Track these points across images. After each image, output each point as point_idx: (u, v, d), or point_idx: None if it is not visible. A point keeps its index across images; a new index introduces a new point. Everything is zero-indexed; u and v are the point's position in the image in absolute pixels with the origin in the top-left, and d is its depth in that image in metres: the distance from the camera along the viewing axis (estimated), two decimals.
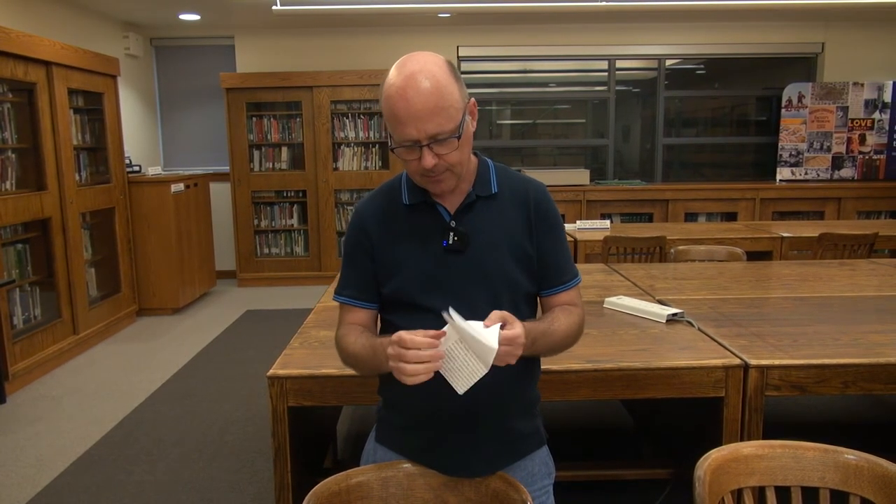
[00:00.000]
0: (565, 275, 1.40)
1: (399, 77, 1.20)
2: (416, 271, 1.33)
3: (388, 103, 1.21)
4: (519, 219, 1.36)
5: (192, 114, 6.82)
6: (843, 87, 6.42)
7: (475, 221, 1.34)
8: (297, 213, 6.62)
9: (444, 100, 1.20)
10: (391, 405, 1.42)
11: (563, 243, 1.41)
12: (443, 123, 1.20)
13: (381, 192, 1.41)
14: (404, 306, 1.35)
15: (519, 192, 1.37)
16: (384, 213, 1.37)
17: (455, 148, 1.24)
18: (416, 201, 1.35)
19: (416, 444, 1.38)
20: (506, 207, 1.36)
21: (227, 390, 3.80)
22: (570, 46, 6.62)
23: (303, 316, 2.53)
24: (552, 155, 7.19)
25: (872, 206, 6.34)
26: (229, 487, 2.74)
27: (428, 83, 1.18)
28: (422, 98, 1.18)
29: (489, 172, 1.38)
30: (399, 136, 1.22)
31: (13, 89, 4.08)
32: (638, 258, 3.98)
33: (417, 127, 1.19)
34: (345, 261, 1.42)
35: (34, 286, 4.24)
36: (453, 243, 1.32)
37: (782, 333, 2.11)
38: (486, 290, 1.32)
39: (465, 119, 1.24)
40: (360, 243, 1.38)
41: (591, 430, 3.18)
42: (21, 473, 2.90)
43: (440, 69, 1.21)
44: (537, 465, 1.43)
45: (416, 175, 1.29)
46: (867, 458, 1.25)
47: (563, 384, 1.86)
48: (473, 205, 1.34)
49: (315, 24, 6.30)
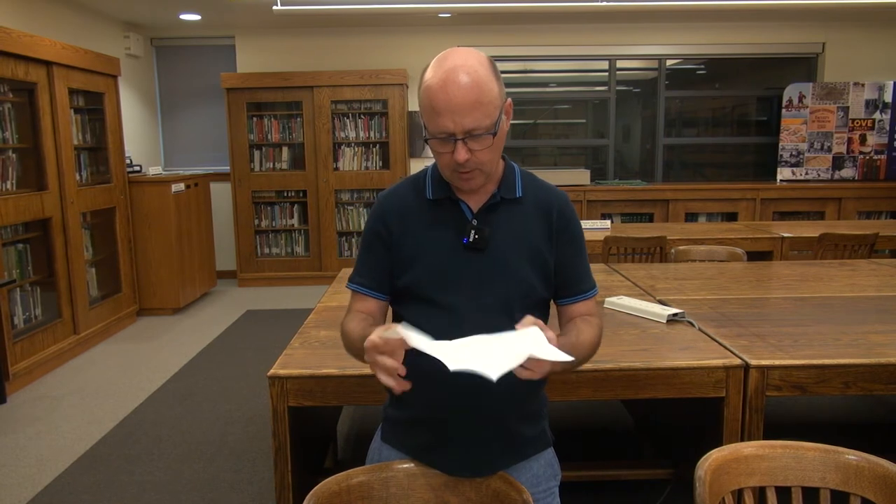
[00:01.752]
0: (584, 285, 1.41)
1: (441, 69, 1.21)
2: (433, 266, 1.33)
3: (428, 94, 1.21)
4: (541, 225, 1.36)
5: (193, 114, 6.82)
6: (844, 87, 6.42)
7: (497, 222, 1.34)
8: (298, 213, 6.62)
9: (484, 95, 1.20)
10: (397, 399, 1.41)
11: (584, 254, 1.42)
12: (480, 119, 1.20)
13: (406, 184, 1.42)
14: (416, 300, 1.35)
15: (543, 199, 1.38)
16: (406, 206, 1.37)
17: (489, 145, 1.24)
18: (439, 196, 1.35)
19: (420, 441, 1.37)
20: (529, 212, 1.36)
21: (227, 390, 3.80)
22: (570, 46, 6.62)
23: (303, 316, 2.53)
24: (552, 155, 7.19)
25: (873, 207, 6.33)
26: (229, 487, 2.74)
27: (469, 78, 1.19)
28: (462, 91, 1.18)
29: (515, 176, 1.38)
30: (434, 127, 1.22)
31: (14, 89, 4.08)
32: (638, 258, 3.98)
33: (455, 120, 1.20)
34: (361, 249, 1.43)
35: (35, 286, 4.24)
36: (474, 241, 1.32)
37: (783, 333, 2.11)
38: (500, 290, 1.32)
39: (501, 117, 1.25)
40: (378, 233, 1.38)
41: (592, 430, 3.18)
42: (21, 473, 2.90)
43: (482, 66, 1.21)
44: (542, 467, 1.42)
45: (447, 169, 1.29)
46: (868, 458, 1.25)
47: (564, 384, 1.86)
48: (497, 206, 1.35)
49: (315, 24, 6.30)
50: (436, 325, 1.28)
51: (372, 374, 1.16)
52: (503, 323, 1.26)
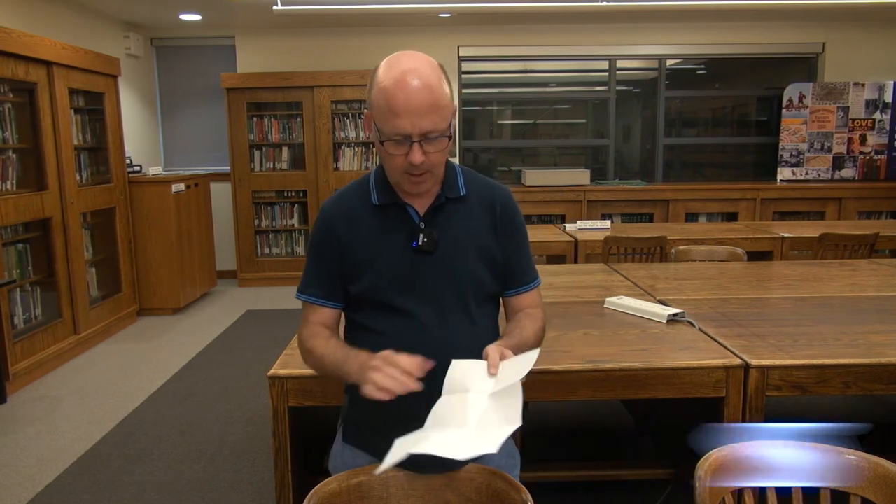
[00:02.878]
0: (527, 276, 1.45)
1: (396, 71, 1.21)
2: (386, 271, 1.34)
3: (384, 95, 1.21)
4: (486, 221, 1.38)
5: (193, 114, 6.82)
6: (844, 87, 6.42)
7: (444, 223, 1.36)
8: (298, 213, 6.62)
9: (440, 99, 1.22)
10: (359, 404, 1.36)
11: (526, 246, 1.45)
12: (437, 122, 1.22)
13: (349, 191, 1.43)
14: (372, 306, 1.36)
15: (485, 195, 1.41)
16: (353, 213, 1.38)
17: (443, 148, 1.26)
18: (385, 202, 1.37)
19: (380, 440, 1.33)
20: (473, 210, 1.38)
21: (227, 390, 3.80)
22: (570, 46, 6.62)
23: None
24: (553, 155, 7.19)
25: (873, 207, 6.34)
26: (230, 487, 2.74)
27: (426, 81, 1.21)
28: (420, 94, 1.20)
29: (457, 175, 1.40)
30: (391, 128, 1.23)
31: (14, 89, 4.08)
32: (638, 258, 3.98)
33: (413, 121, 1.20)
34: (309, 259, 1.43)
35: (35, 286, 4.24)
36: (423, 244, 1.33)
37: (783, 333, 2.11)
38: (454, 290, 1.35)
39: (452, 121, 1.27)
40: (326, 243, 1.38)
41: (592, 430, 3.18)
42: (22, 473, 2.90)
43: (434, 71, 1.24)
44: (504, 458, 1.43)
45: (397, 171, 1.29)
46: (868, 458, 1.25)
47: (564, 384, 1.86)
48: (443, 206, 1.36)
49: (315, 24, 6.30)
50: (395, 328, 1.33)
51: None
52: (460, 321, 1.33)
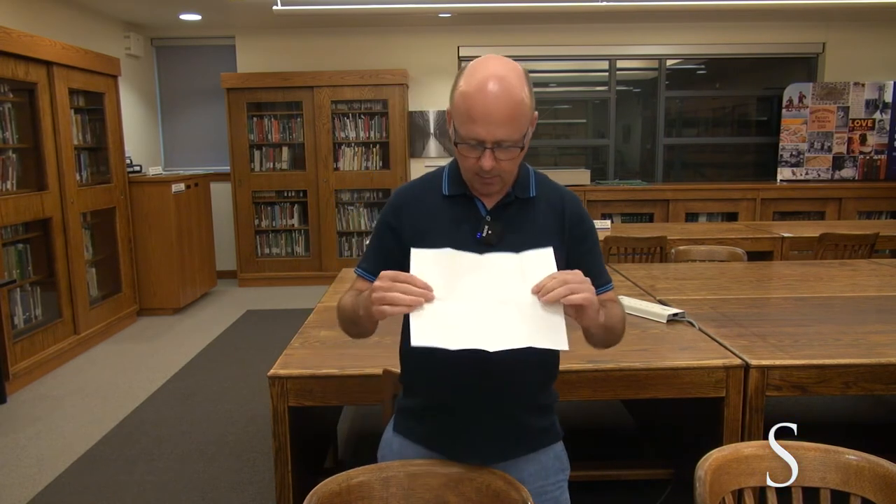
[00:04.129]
0: (599, 279, 1.40)
1: (480, 75, 1.22)
2: None
3: (465, 99, 1.22)
4: (552, 224, 1.38)
5: (193, 114, 6.82)
6: (844, 87, 6.42)
7: (510, 219, 1.36)
8: (298, 213, 6.62)
9: (519, 109, 1.22)
10: (411, 389, 1.45)
11: (598, 252, 1.44)
12: (512, 132, 1.22)
13: (422, 180, 1.45)
14: None
15: (555, 199, 1.41)
16: (421, 200, 1.40)
17: (515, 157, 1.27)
18: (455, 193, 1.38)
19: (431, 429, 1.40)
20: (541, 211, 1.39)
21: (227, 390, 3.80)
22: (570, 46, 6.62)
23: (303, 316, 2.53)
24: (553, 155, 7.19)
25: (873, 207, 6.34)
26: (230, 487, 2.74)
27: (509, 90, 1.20)
28: (500, 103, 1.20)
29: (529, 177, 1.41)
30: (466, 132, 1.24)
31: (14, 89, 4.08)
32: (639, 258, 3.98)
33: (488, 129, 1.21)
34: (372, 237, 1.46)
35: (35, 286, 4.24)
36: (486, 235, 1.34)
37: (783, 333, 2.11)
38: None
39: (528, 131, 1.27)
40: (389, 224, 1.40)
41: (592, 430, 3.18)
42: (22, 473, 2.90)
43: (519, 79, 1.23)
44: (551, 460, 1.44)
45: (469, 172, 1.31)
46: (868, 458, 1.25)
47: (564, 384, 1.86)
48: (511, 205, 1.37)
49: (315, 24, 6.30)
50: None
51: (372, 374, 1.17)
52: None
